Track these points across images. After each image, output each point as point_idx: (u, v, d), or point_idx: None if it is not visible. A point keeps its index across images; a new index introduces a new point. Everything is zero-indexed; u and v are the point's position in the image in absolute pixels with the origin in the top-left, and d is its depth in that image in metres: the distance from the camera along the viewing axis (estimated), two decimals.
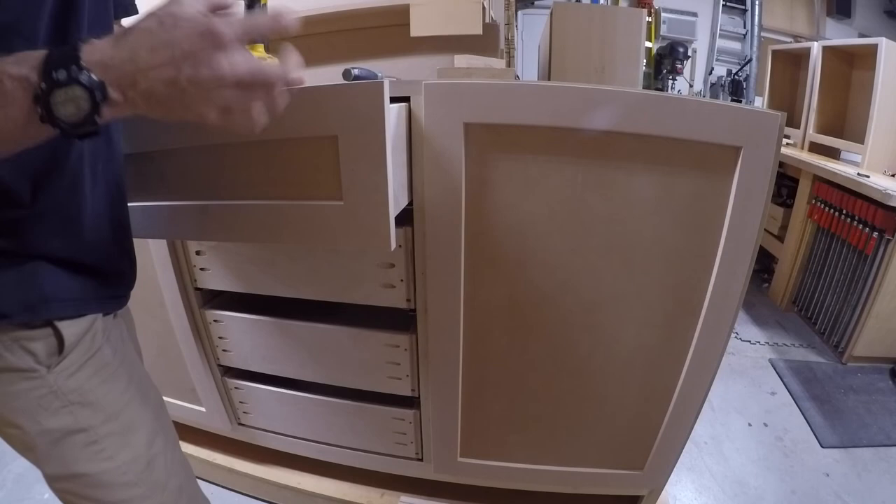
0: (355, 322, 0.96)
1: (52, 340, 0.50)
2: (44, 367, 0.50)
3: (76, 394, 0.52)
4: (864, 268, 1.76)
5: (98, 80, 0.36)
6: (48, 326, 0.50)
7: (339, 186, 0.63)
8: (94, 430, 0.53)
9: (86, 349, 0.53)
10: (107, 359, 0.56)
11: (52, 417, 0.51)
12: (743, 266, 0.78)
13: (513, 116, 0.73)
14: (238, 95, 0.39)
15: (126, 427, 0.56)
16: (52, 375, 0.50)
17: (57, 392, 0.51)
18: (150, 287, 1.03)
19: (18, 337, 0.48)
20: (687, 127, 0.71)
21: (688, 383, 0.89)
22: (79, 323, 0.52)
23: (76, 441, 0.53)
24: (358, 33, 1.38)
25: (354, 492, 1.16)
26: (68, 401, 0.52)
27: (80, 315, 0.53)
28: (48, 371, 0.50)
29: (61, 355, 0.51)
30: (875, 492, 1.30)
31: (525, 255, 0.83)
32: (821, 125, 2.32)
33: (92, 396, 0.53)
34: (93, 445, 0.53)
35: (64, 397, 0.51)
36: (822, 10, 4.52)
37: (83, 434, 0.53)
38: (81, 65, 0.36)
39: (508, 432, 1.01)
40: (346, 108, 0.60)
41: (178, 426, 1.26)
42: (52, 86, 0.35)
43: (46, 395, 0.50)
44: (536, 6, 4.48)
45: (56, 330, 0.50)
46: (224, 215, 0.69)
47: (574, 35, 1.85)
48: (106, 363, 0.55)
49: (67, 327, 0.51)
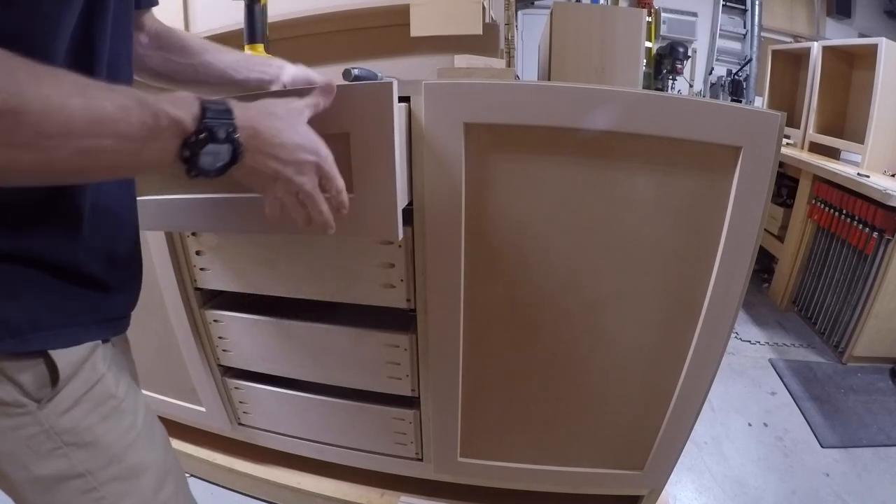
0: (355, 322, 0.96)
1: (42, 370, 0.42)
2: (33, 402, 0.42)
3: (72, 433, 0.44)
4: (864, 268, 1.76)
5: (243, 145, 0.42)
6: (39, 355, 0.42)
7: (351, 179, 0.66)
8: (93, 476, 0.46)
9: (84, 380, 0.45)
10: (109, 390, 0.48)
11: (44, 462, 0.43)
12: (743, 266, 0.78)
13: (513, 116, 0.73)
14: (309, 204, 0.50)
15: (131, 471, 0.49)
16: (44, 412, 0.42)
17: (49, 431, 0.43)
18: (150, 287, 1.02)
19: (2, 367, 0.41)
20: (687, 127, 0.71)
21: (688, 383, 0.89)
22: (76, 350, 0.45)
23: (71, 488, 0.45)
24: (358, 33, 1.38)
25: (354, 492, 1.16)
26: (62, 442, 0.44)
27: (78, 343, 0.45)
28: (39, 406, 0.42)
29: (55, 388, 0.43)
30: (875, 492, 1.30)
31: (525, 255, 0.83)
32: (821, 125, 2.32)
33: (91, 436, 0.46)
34: (91, 493, 0.46)
35: (57, 438, 0.43)
36: (822, 10, 4.52)
37: (80, 480, 0.45)
38: (236, 125, 0.41)
39: (508, 432, 1.00)
40: (358, 107, 0.63)
41: (179, 426, 1.27)
42: (207, 139, 0.39)
43: (37, 435, 0.42)
44: (536, 6, 4.48)
45: (48, 358, 0.42)
46: (239, 208, 0.71)
47: (574, 35, 1.85)
48: (108, 396, 0.48)
49: (63, 355, 0.43)
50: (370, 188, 0.67)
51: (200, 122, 0.39)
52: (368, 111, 0.63)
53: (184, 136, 0.38)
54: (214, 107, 0.40)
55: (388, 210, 0.68)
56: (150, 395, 1.23)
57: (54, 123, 0.32)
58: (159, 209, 0.77)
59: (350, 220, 0.68)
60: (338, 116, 0.63)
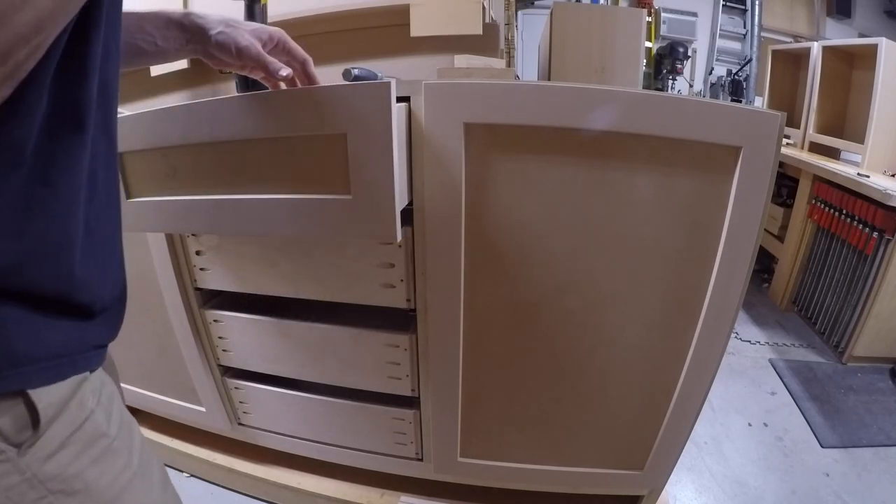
0: (355, 322, 0.96)
1: (21, 411, 0.37)
2: (12, 448, 0.37)
3: (58, 480, 0.39)
4: (864, 268, 1.76)
5: None
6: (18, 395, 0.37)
7: (347, 181, 0.66)
8: None
9: (70, 420, 0.40)
10: (100, 428, 0.43)
11: None
12: (743, 266, 0.78)
13: (513, 116, 0.73)
14: None
15: None
16: (25, 458, 0.37)
17: (32, 480, 0.38)
18: (150, 287, 1.03)
19: None
20: (687, 127, 0.71)
21: (688, 383, 0.89)
22: (60, 387, 0.39)
23: None
24: (358, 33, 1.38)
25: (354, 492, 1.16)
26: (47, 490, 0.39)
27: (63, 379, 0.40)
28: (19, 453, 0.37)
29: (37, 432, 0.38)
30: (875, 492, 1.30)
31: (525, 255, 0.83)
32: (821, 125, 2.32)
33: (80, 482, 0.41)
34: None
35: (42, 486, 0.38)
36: (822, 10, 4.52)
37: None
38: None
39: (508, 432, 1.01)
40: (355, 107, 0.62)
41: (179, 426, 1.27)
42: None
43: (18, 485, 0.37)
44: (536, 6, 4.48)
45: (26, 399, 0.37)
46: (237, 209, 0.72)
47: (574, 35, 1.85)
48: (99, 435, 0.42)
49: (44, 394, 0.38)
50: (368, 190, 0.66)
51: None
52: (366, 111, 0.62)
53: None
54: None
55: (386, 212, 0.67)
56: (150, 394, 1.23)
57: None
58: (158, 210, 0.77)
59: (348, 222, 0.69)
60: (335, 117, 0.63)
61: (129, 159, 0.77)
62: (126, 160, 0.77)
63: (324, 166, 0.67)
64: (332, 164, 0.66)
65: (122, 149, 0.76)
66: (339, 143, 0.65)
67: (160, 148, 0.72)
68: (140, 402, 1.25)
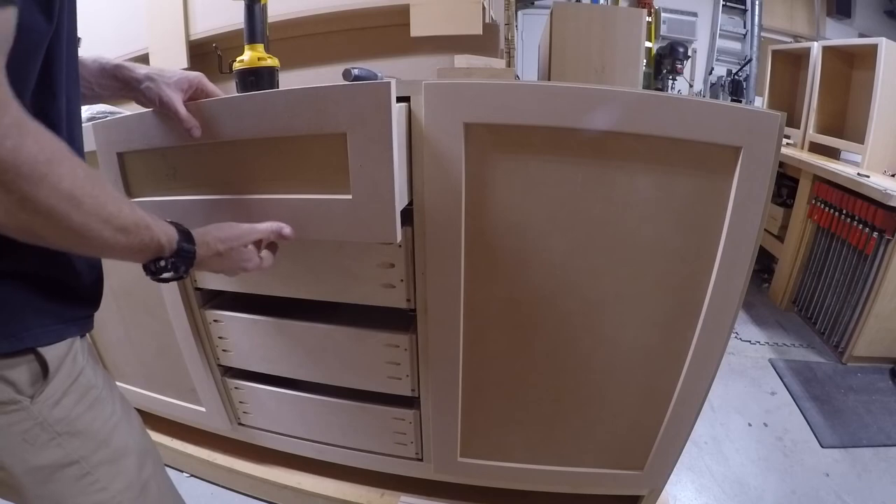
0: (355, 322, 0.96)
1: (35, 366, 0.47)
2: (26, 398, 0.46)
3: (64, 423, 0.48)
4: (864, 268, 1.76)
5: (193, 268, 0.56)
6: (30, 353, 0.46)
7: (347, 181, 0.66)
8: (85, 461, 0.50)
9: (68, 373, 0.50)
10: (90, 381, 0.53)
11: (41, 452, 0.47)
12: (743, 266, 0.78)
13: (513, 116, 0.73)
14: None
15: (117, 453, 0.54)
16: (37, 406, 0.46)
17: (43, 423, 0.47)
18: (150, 287, 1.02)
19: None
20: (687, 127, 0.71)
21: (688, 383, 0.89)
22: (60, 346, 0.49)
23: (68, 475, 0.49)
24: (358, 33, 1.38)
25: (354, 492, 1.16)
26: (56, 432, 0.48)
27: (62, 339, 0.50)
28: (31, 401, 0.46)
29: (46, 380, 0.47)
30: (875, 492, 1.30)
31: (525, 255, 0.83)
32: (821, 125, 2.32)
33: (80, 424, 0.50)
34: (86, 478, 0.50)
35: (51, 429, 0.48)
36: (822, 10, 4.52)
37: (75, 466, 0.49)
38: (193, 263, 0.55)
39: (508, 432, 1.00)
40: (355, 107, 0.62)
41: (179, 426, 1.27)
42: (178, 264, 0.53)
43: (32, 429, 0.46)
44: (536, 6, 4.48)
45: (39, 355, 0.47)
46: (236, 209, 0.72)
47: (574, 35, 1.85)
48: (90, 386, 0.52)
49: (50, 351, 0.48)
50: (367, 190, 0.66)
51: (176, 251, 0.52)
52: (366, 111, 0.62)
53: (156, 255, 0.50)
54: (185, 238, 0.54)
55: (385, 213, 0.67)
56: (151, 394, 1.23)
57: (96, 221, 0.42)
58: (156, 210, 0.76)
59: (347, 222, 0.69)
60: (335, 116, 0.63)
61: (129, 159, 0.77)
62: (126, 160, 0.77)
63: (323, 166, 0.67)
64: (331, 164, 0.66)
65: (122, 149, 0.76)
66: (339, 143, 0.64)
67: (160, 148, 0.72)
68: (140, 402, 1.25)
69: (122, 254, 0.47)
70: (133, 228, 0.46)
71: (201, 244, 0.56)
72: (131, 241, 0.46)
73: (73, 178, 0.39)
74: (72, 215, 0.40)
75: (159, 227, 0.50)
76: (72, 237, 0.41)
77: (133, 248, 0.47)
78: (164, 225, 0.51)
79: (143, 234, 0.47)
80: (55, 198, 0.38)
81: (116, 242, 0.45)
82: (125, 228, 0.45)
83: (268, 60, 0.91)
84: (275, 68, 0.92)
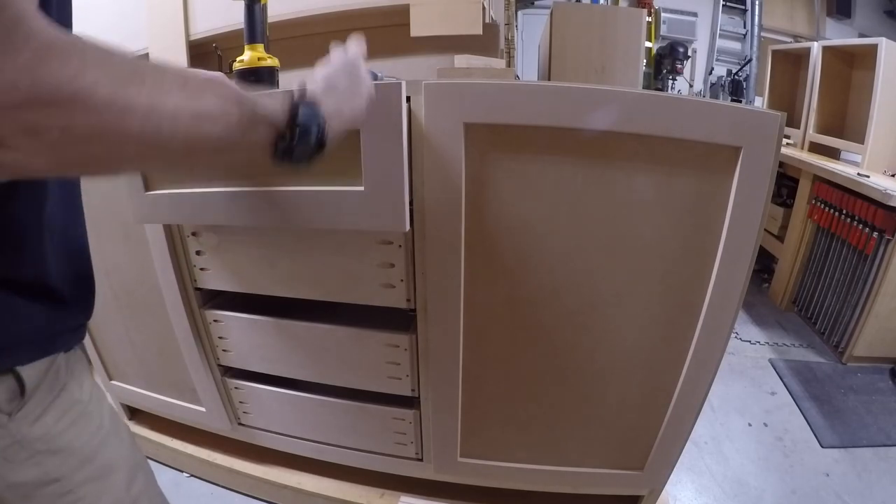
0: (355, 322, 0.96)
1: (12, 384, 0.45)
2: (3, 415, 0.44)
3: (42, 441, 0.47)
4: (864, 268, 1.76)
5: (328, 135, 0.50)
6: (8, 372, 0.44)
7: (360, 174, 0.71)
8: (67, 480, 0.49)
9: (49, 389, 0.48)
10: (74, 396, 0.50)
11: (19, 470, 0.46)
12: (743, 266, 0.78)
13: (513, 116, 0.73)
14: None
15: (103, 470, 0.52)
16: (15, 423, 0.45)
17: (22, 441, 0.45)
18: (150, 287, 1.03)
19: None
20: (687, 127, 0.71)
21: (688, 383, 0.89)
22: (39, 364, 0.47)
23: (48, 493, 0.48)
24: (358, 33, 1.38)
25: (354, 492, 1.16)
26: (35, 450, 0.46)
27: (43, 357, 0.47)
28: (9, 419, 0.44)
29: (23, 399, 0.45)
30: (875, 492, 1.30)
31: (525, 255, 0.83)
32: (821, 125, 2.32)
33: (61, 442, 0.48)
34: (68, 496, 0.49)
35: (30, 446, 0.46)
36: (822, 10, 4.52)
37: (56, 485, 0.48)
38: (322, 124, 0.49)
39: (508, 432, 1.00)
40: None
41: (179, 426, 1.27)
42: (308, 125, 0.47)
43: (10, 446, 0.45)
44: (536, 6, 4.48)
45: (16, 373, 0.45)
46: (252, 201, 0.75)
47: (574, 35, 1.85)
48: (74, 401, 0.50)
49: (27, 369, 0.46)
50: (378, 181, 0.70)
51: (293, 123, 0.47)
52: (378, 109, 0.66)
53: (276, 133, 0.46)
54: (305, 110, 0.48)
55: (396, 203, 0.72)
56: (151, 394, 1.23)
57: (160, 119, 0.35)
58: (174, 202, 0.79)
59: (359, 213, 0.73)
60: None
61: None
62: None
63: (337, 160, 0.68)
64: (345, 158, 0.69)
65: None
66: (353, 139, 0.69)
67: None
68: (140, 402, 1.25)
69: (227, 148, 0.42)
70: (219, 113, 0.40)
71: (313, 93, 0.51)
72: (230, 127, 0.40)
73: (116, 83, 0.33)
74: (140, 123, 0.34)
75: (256, 98, 0.44)
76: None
77: (233, 134, 0.41)
78: (262, 95, 0.45)
79: (235, 110, 0.41)
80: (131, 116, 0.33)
81: (209, 135, 0.39)
82: (212, 116, 0.39)
83: (268, 60, 0.91)
84: (275, 68, 0.92)
